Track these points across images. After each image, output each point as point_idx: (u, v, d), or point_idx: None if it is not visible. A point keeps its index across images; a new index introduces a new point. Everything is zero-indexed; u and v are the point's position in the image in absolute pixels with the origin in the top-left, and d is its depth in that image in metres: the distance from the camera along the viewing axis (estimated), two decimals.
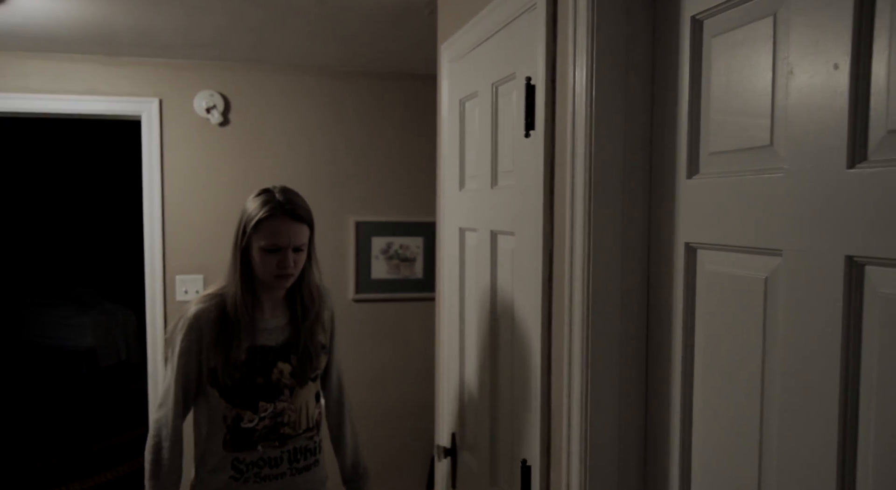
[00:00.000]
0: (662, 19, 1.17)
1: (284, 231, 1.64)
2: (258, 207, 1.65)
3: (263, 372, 1.71)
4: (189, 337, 1.68)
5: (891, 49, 0.76)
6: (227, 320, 1.68)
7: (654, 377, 1.21)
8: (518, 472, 1.48)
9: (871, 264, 0.79)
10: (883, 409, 0.78)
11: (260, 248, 1.64)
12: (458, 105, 1.97)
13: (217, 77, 3.34)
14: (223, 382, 1.67)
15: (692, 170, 1.11)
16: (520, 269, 1.53)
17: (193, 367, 1.69)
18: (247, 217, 1.67)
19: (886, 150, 0.77)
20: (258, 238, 1.64)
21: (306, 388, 1.78)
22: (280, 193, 1.69)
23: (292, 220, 1.66)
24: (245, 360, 1.69)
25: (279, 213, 1.64)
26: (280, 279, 1.68)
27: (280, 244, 1.64)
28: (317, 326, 1.81)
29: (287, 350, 1.75)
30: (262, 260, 1.65)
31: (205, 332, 1.68)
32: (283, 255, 1.65)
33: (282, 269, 1.65)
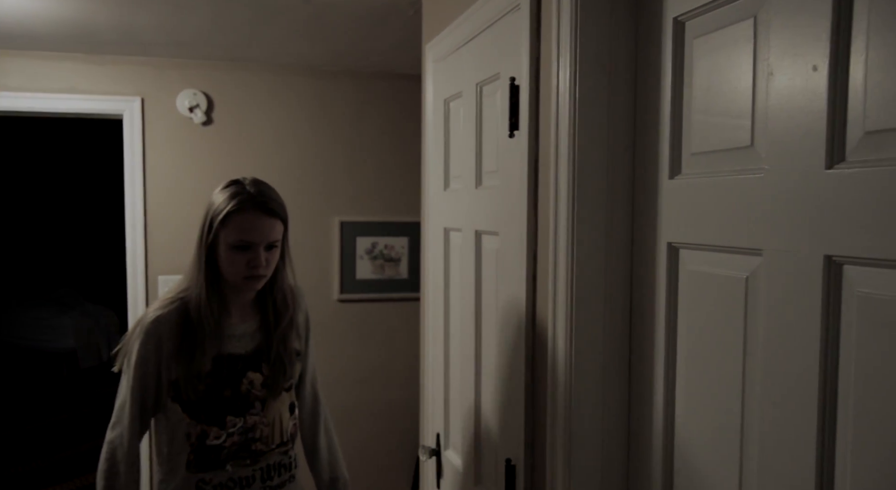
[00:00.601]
0: (645, 21, 1.18)
1: (256, 226, 1.47)
2: (226, 200, 1.47)
3: (231, 383, 1.52)
4: (146, 346, 1.49)
5: (868, 51, 0.78)
6: (189, 326, 1.50)
7: (637, 376, 1.22)
8: (503, 471, 1.49)
9: (850, 264, 0.80)
10: (860, 406, 0.79)
11: (228, 245, 1.46)
12: (442, 105, 1.97)
13: (200, 76, 3.32)
14: (186, 396, 1.49)
15: (674, 170, 1.12)
16: (504, 268, 1.53)
17: (152, 380, 1.50)
18: (213, 210, 1.48)
19: (864, 151, 0.79)
20: (226, 234, 1.46)
21: (279, 400, 1.60)
22: (251, 185, 1.51)
23: (264, 215, 1.48)
24: (210, 370, 1.50)
25: (250, 207, 1.47)
26: (250, 280, 1.51)
27: (251, 241, 1.47)
28: (290, 332, 1.63)
29: (257, 358, 1.57)
30: (231, 258, 1.47)
31: (164, 339, 1.49)
32: (254, 254, 1.47)
33: (252, 268, 1.48)
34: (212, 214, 1.49)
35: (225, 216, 1.46)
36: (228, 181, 1.53)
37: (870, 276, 0.78)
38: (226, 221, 1.46)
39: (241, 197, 1.47)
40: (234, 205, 1.46)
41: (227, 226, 1.46)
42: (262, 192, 1.51)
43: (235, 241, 1.46)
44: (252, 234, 1.47)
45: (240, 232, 1.46)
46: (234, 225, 1.46)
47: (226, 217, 1.46)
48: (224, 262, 1.49)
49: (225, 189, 1.51)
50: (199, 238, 1.51)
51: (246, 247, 1.47)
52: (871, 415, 0.78)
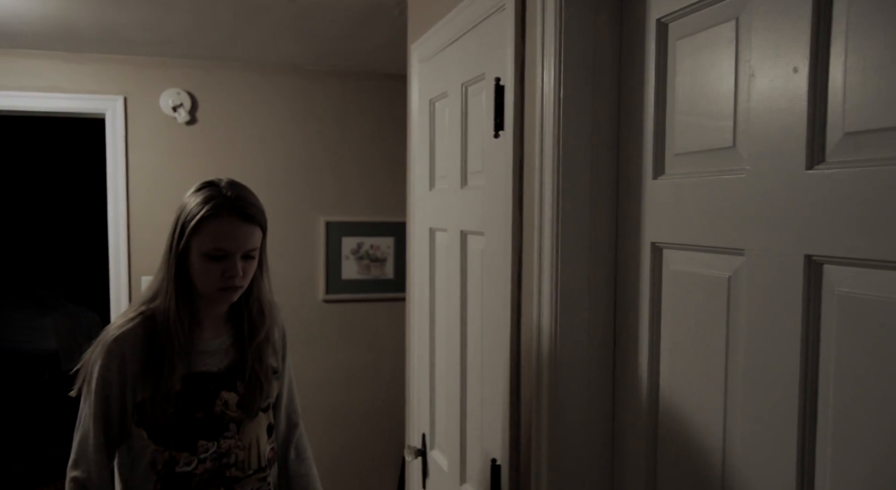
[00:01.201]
0: (629, 22, 1.19)
1: (233, 234, 1.34)
2: (200, 204, 1.34)
3: (204, 404, 1.39)
4: (109, 367, 1.34)
5: (847, 53, 0.79)
6: (156, 342, 1.36)
7: (622, 376, 1.22)
8: (488, 471, 1.49)
9: (829, 263, 0.81)
10: (840, 404, 0.80)
11: (202, 253, 1.33)
12: (428, 105, 1.97)
13: (184, 75, 3.29)
14: (154, 419, 1.35)
15: (658, 170, 1.13)
16: (489, 268, 1.54)
17: (115, 406, 1.35)
18: (186, 215, 1.35)
19: (843, 151, 0.80)
20: (200, 241, 1.33)
21: (256, 421, 1.46)
22: (228, 187, 1.37)
23: (242, 221, 1.35)
24: (180, 390, 1.36)
25: (226, 212, 1.33)
26: (225, 292, 1.38)
27: (227, 249, 1.34)
28: (266, 347, 1.50)
29: (232, 376, 1.43)
30: (204, 268, 1.34)
31: (129, 358, 1.35)
32: (229, 263, 1.34)
33: (228, 279, 1.35)
34: (183, 219, 1.36)
35: (198, 222, 1.33)
36: (202, 183, 1.40)
37: (849, 275, 0.79)
38: (199, 228, 1.33)
39: (216, 201, 1.34)
40: (209, 210, 1.33)
41: (200, 232, 1.33)
42: (240, 196, 1.37)
43: (209, 250, 1.33)
44: (228, 243, 1.34)
45: (214, 239, 1.33)
46: (209, 232, 1.33)
47: (199, 223, 1.33)
48: (196, 271, 1.36)
49: (198, 192, 1.38)
50: (169, 245, 1.38)
51: (221, 256, 1.34)
52: (851, 412, 0.79)
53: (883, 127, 0.75)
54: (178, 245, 1.36)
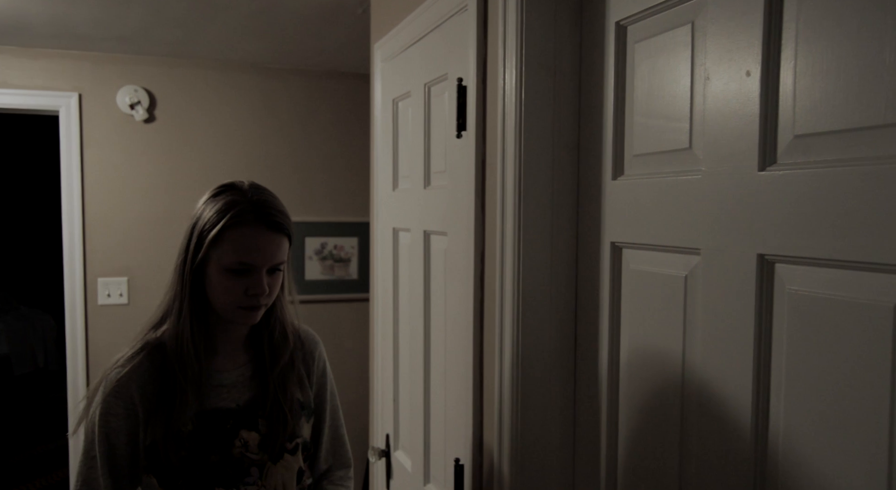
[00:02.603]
0: (589, 24, 1.20)
1: (259, 245, 1.16)
2: (221, 210, 1.16)
3: (220, 446, 1.20)
4: (115, 411, 1.18)
5: (796, 58, 0.81)
6: (167, 375, 1.19)
7: (583, 375, 1.24)
8: (451, 470, 1.49)
9: (781, 262, 0.84)
10: (790, 397, 0.82)
11: (223, 268, 1.16)
12: (391, 105, 1.97)
13: (142, 72, 3.22)
14: (164, 464, 1.18)
15: (617, 171, 1.14)
16: (452, 268, 1.54)
17: (124, 453, 1.19)
18: (204, 224, 1.17)
19: (794, 153, 0.82)
20: (221, 254, 1.15)
21: (283, 464, 1.26)
22: (252, 191, 1.21)
23: (269, 231, 1.17)
24: (192, 430, 1.19)
25: (252, 220, 1.16)
26: (248, 312, 1.20)
27: (252, 262, 1.16)
28: (291, 376, 1.30)
29: (252, 413, 1.24)
30: (225, 285, 1.17)
31: (139, 400, 1.18)
32: (254, 278, 1.17)
33: (252, 297, 1.18)
34: (200, 229, 1.17)
35: (220, 232, 1.15)
36: (221, 186, 1.22)
37: (799, 274, 0.81)
38: (220, 238, 1.15)
39: (240, 207, 1.16)
40: (232, 217, 1.15)
41: (221, 244, 1.16)
42: (267, 202, 1.20)
43: (232, 264, 1.16)
44: (254, 255, 1.16)
45: (238, 252, 1.15)
46: (232, 243, 1.15)
47: (220, 233, 1.15)
48: (216, 289, 1.18)
49: (217, 197, 1.19)
50: (182, 259, 1.20)
51: (245, 270, 1.17)
52: (801, 407, 0.81)
53: (830, 130, 0.77)
54: (193, 259, 1.18)
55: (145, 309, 3.30)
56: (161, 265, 3.30)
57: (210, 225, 1.17)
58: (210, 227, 1.16)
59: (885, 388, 0.71)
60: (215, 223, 1.16)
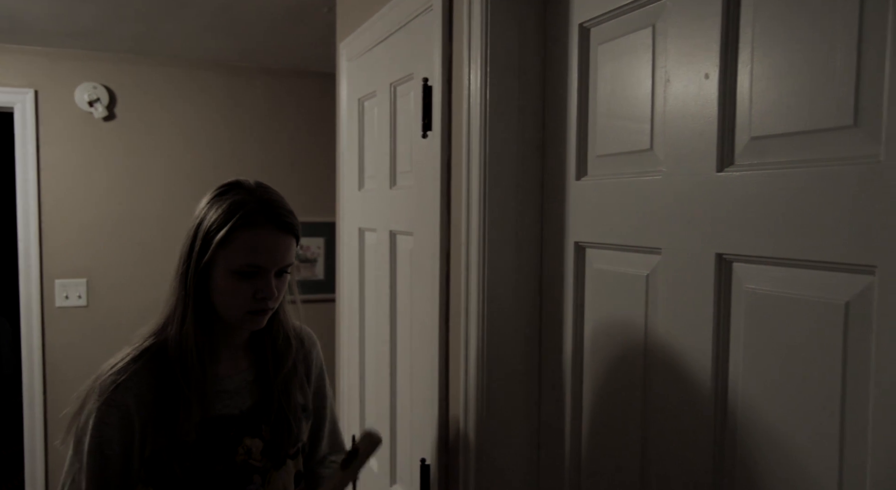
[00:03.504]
0: (553, 25, 1.21)
1: (269, 246, 1.13)
2: (228, 210, 1.12)
3: (224, 454, 1.16)
4: (108, 421, 1.10)
5: (753, 62, 0.83)
6: (168, 383, 1.13)
7: (547, 374, 1.25)
8: (417, 470, 1.49)
9: (738, 261, 0.85)
10: (747, 393, 0.84)
11: (231, 270, 1.12)
12: (357, 104, 1.96)
13: (101, 68, 3.15)
14: (165, 477, 1.12)
15: (581, 171, 1.15)
16: (418, 268, 1.54)
17: (117, 467, 1.12)
18: (210, 225, 1.12)
19: (750, 155, 0.84)
20: (229, 256, 1.11)
21: (284, 470, 1.24)
22: (260, 190, 1.17)
23: (279, 231, 1.14)
24: (196, 440, 1.14)
25: (262, 220, 1.13)
26: (256, 317, 1.16)
27: (262, 264, 1.12)
28: (293, 381, 1.28)
29: (255, 419, 1.21)
30: (232, 288, 1.13)
31: (135, 409, 1.11)
32: (263, 281, 1.13)
33: (260, 301, 1.14)
34: (206, 231, 1.12)
35: (228, 232, 1.11)
36: (225, 185, 1.17)
37: (755, 272, 0.83)
38: (229, 239, 1.11)
39: (249, 207, 1.13)
40: (241, 217, 1.12)
41: (229, 245, 1.11)
42: (276, 201, 1.17)
43: (241, 266, 1.12)
44: (263, 257, 1.13)
45: (248, 253, 1.12)
46: (241, 244, 1.11)
47: (229, 234, 1.11)
48: (221, 292, 1.14)
49: (222, 196, 1.15)
50: (185, 262, 1.15)
51: (253, 273, 1.13)
52: (757, 403, 0.83)
53: (784, 132, 0.79)
54: (198, 261, 1.13)
55: (106, 311, 3.23)
56: (122, 266, 3.23)
57: (217, 226, 1.12)
58: (217, 228, 1.12)
59: (836, 383, 0.73)
60: (223, 224, 1.12)
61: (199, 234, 1.13)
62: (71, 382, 3.13)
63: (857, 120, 0.71)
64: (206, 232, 1.13)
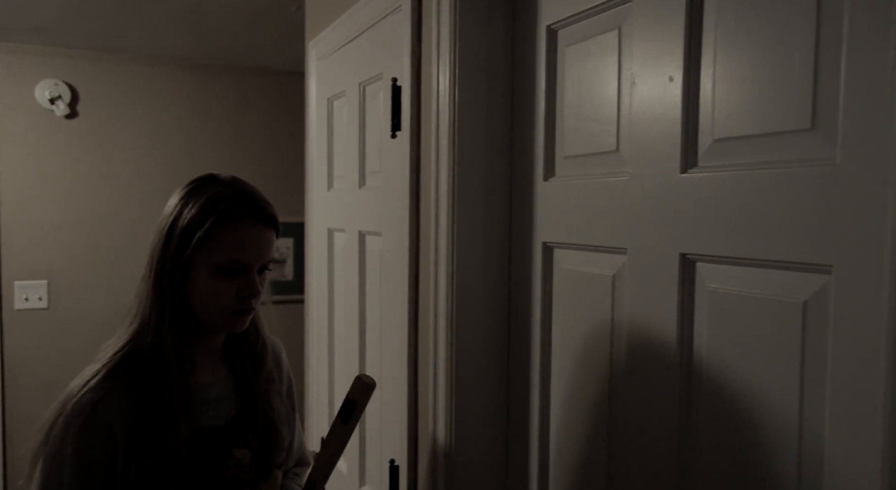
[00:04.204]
0: (521, 27, 1.22)
1: (254, 241, 1.07)
2: (207, 205, 1.05)
3: (214, 468, 1.08)
4: (90, 443, 1.00)
5: (715, 65, 0.84)
6: (151, 397, 1.04)
7: (516, 374, 1.25)
8: (386, 471, 1.49)
9: (701, 261, 0.87)
10: (711, 391, 0.86)
11: (213, 269, 1.04)
12: (326, 104, 1.94)
13: (63, 65, 3.08)
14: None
15: (549, 172, 1.16)
16: (387, 269, 1.53)
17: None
18: (187, 221, 1.04)
19: (713, 157, 0.85)
20: (211, 253, 1.04)
21: (271, 481, 1.17)
22: (238, 183, 1.11)
23: (263, 225, 1.08)
24: (186, 455, 1.05)
25: (245, 214, 1.06)
26: (239, 317, 1.09)
27: (246, 261, 1.06)
28: (272, 388, 1.20)
29: (242, 428, 1.13)
30: (214, 287, 1.05)
31: (118, 426, 1.01)
32: (247, 279, 1.06)
33: (244, 300, 1.07)
34: (183, 228, 1.04)
35: (210, 228, 1.03)
36: (199, 180, 1.10)
37: (717, 272, 0.85)
38: (210, 236, 1.03)
39: (230, 200, 1.06)
40: (223, 212, 1.05)
41: (211, 242, 1.04)
42: (255, 194, 1.11)
43: (225, 263, 1.04)
44: (249, 253, 1.06)
45: (232, 250, 1.05)
46: (224, 240, 1.04)
47: (211, 229, 1.03)
48: (202, 293, 1.06)
49: (197, 191, 1.07)
50: (159, 263, 1.05)
51: (237, 270, 1.06)
52: (721, 400, 0.84)
53: (746, 134, 0.80)
54: (175, 261, 1.04)
55: (68, 313, 3.16)
56: (86, 267, 3.16)
57: (196, 221, 1.04)
58: (196, 223, 1.04)
59: (794, 381, 0.75)
60: (203, 219, 1.04)
61: (174, 231, 1.05)
62: (30, 388, 3.06)
63: (815, 123, 0.73)
64: (183, 229, 1.04)
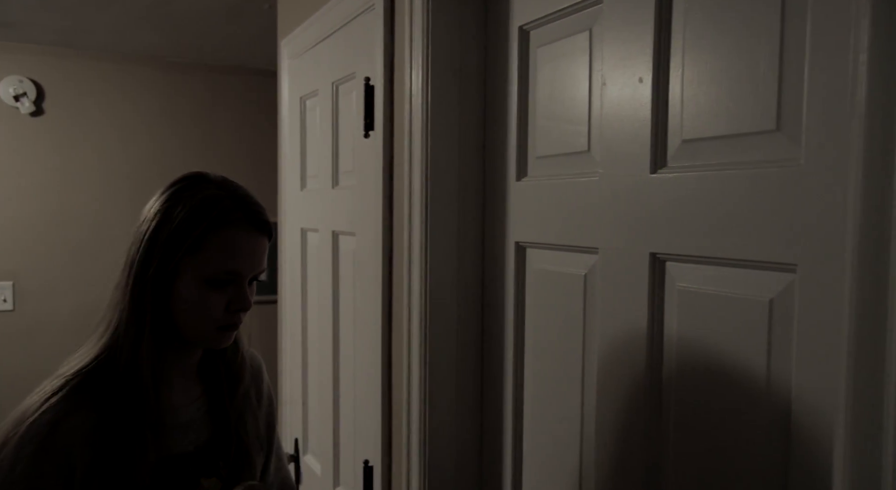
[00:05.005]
0: (493, 27, 1.22)
1: (249, 248, 0.96)
2: (200, 208, 0.93)
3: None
4: (44, 469, 0.87)
5: (684, 67, 0.85)
6: (116, 419, 0.91)
7: (489, 374, 1.26)
8: (360, 472, 1.48)
9: (671, 260, 0.88)
10: (681, 387, 0.87)
11: (203, 279, 0.93)
12: (298, 103, 1.93)
13: (27, 61, 3.01)
14: None
15: (521, 172, 1.17)
16: (361, 269, 1.52)
17: None
18: (175, 226, 0.92)
19: (682, 157, 0.86)
20: (201, 262, 0.92)
21: None
22: (230, 185, 0.99)
23: (257, 232, 0.97)
24: (150, 485, 0.93)
25: (240, 219, 0.95)
26: (226, 333, 0.98)
27: (240, 271, 0.95)
28: (248, 409, 1.09)
29: (213, 456, 1.01)
30: (203, 300, 0.94)
31: (78, 453, 0.88)
32: (238, 290, 0.96)
33: (234, 314, 0.96)
34: (170, 233, 0.92)
35: (201, 235, 0.92)
36: (186, 179, 0.98)
37: (687, 271, 0.86)
38: (202, 243, 0.92)
39: (223, 204, 0.94)
40: (217, 217, 0.93)
41: (203, 249, 0.92)
42: (249, 198, 0.99)
43: (218, 273, 0.93)
44: (242, 262, 0.95)
45: (226, 258, 0.93)
46: (218, 247, 0.93)
47: (202, 236, 0.92)
48: (189, 305, 0.94)
49: (186, 191, 0.96)
50: (139, 272, 0.93)
51: (228, 281, 0.95)
52: (690, 396, 0.86)
53: (714, 135, 0.82)
54: (159, 270, 0.92)
55: (34, 315, 3.09)
56: (52, 268, 3.10)
57: (186, 227, 0.92)
58: (186, 229, 0.92)
59: (761, 378, 0.76)
60: (193, 224, 0.92)
61: (158, 236, 0.93)
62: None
63: (780, 124, 0.74)
64: (170, 234, 0.92)
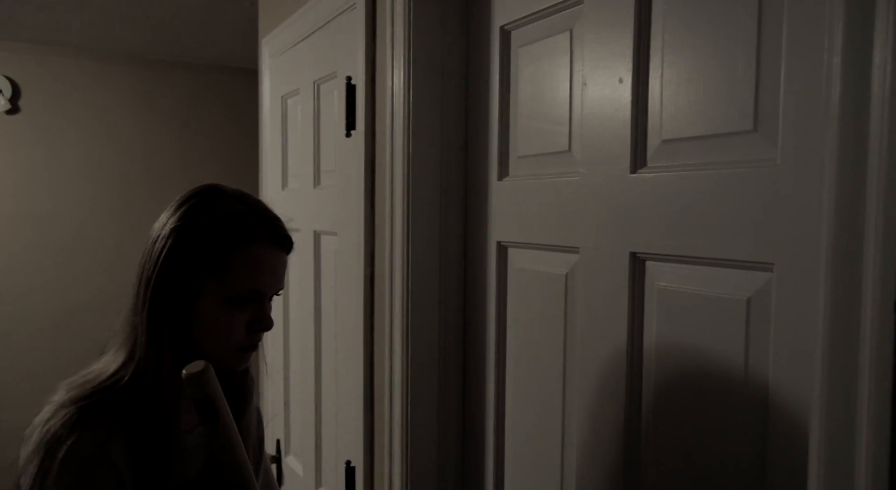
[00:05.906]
0: (475, 27, 1.22)
1: (273, 266, 0.93)
2: (223, 224, 0.90)
3: None
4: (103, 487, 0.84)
5: (663, 67, 0.86)
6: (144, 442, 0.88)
7: (471, 373, 1.26)
8: (343, 473, 1.48)
9: (651, 260, 0.89)
10: (660, 384, 0.88)
11: (226, 298, 0.89)
12: (280, 102, 1.92)
13: (2, 58, 2.96)
14: None
15: (503, 172, 1.17)
16: (343, 269, 1.52)
17: None
18: (195, 243, 0.89)
19: (661, 157, 0.87)
20: (225, 280, 0.89)
21: None
22: (251, 199, 0.97)
23: (280, 248, 0.94)
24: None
25: (263, 235, 0.91)
26: (246, 354, 0.94)
27: (264, 289, 0.92)
28: (249, 439, 1.05)
29: (211, 482, 0.97)
30: (227, 319, 0.90)
31: (123, 469, 0.86)
32: (260, 309, 0.93)
33: (255, 334, 0.93)
34: (190, 250, 0.89)
35: (225, 252, 0.88)
36: (201, 193, 0.95)
37: (666, 270, 0.86)
38: (225, 262, 0.88)
39: (246, 219, 0.91)
40: (239, 234, 0.90)
41: (227, 267, 0.88)
42: (270, 212, 0.96)
43: (242, 292, 0.90)
44: (265, 280, 0.92)
45: (250, 277, 0.90)
46: (244, 266, 0.89)
47: (226, 254, 0.88)
48: (211, 326, 0.90)
49: (204, 206, 0.92)
50: (158, 291, 0.88)
51: (250, 299, 0.91)
52: (669, 394, 0.86)
53: (693, 136, 0.82)
54: (180, 289, 0.88)
55: (13, 316, 3.04)
56: (31, 268, 3.05)
57: (207, 245, 0.89)
58: (207, 247, 0.89)
59: (739, 375, 0.77)
60: (216, 241, 0.89)
61: (175, 256, 0.89)
62: None
63: (757, 125, 0.75)
64: (189, 253, 0.89)
